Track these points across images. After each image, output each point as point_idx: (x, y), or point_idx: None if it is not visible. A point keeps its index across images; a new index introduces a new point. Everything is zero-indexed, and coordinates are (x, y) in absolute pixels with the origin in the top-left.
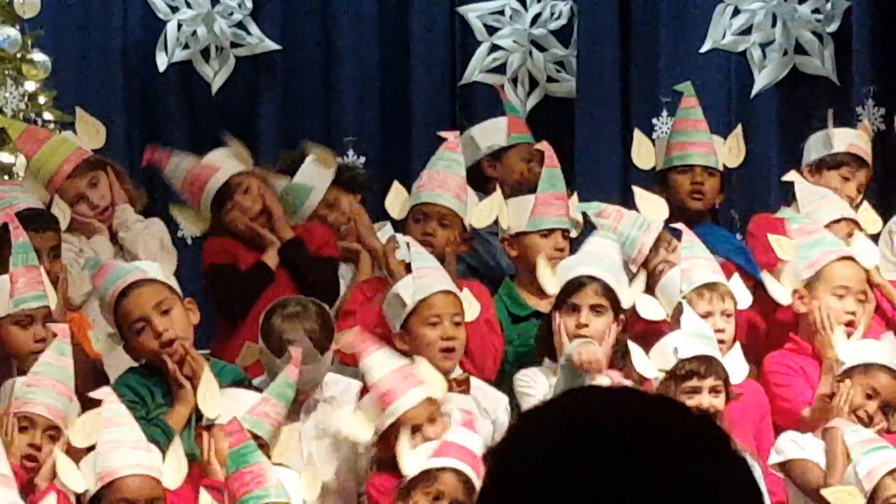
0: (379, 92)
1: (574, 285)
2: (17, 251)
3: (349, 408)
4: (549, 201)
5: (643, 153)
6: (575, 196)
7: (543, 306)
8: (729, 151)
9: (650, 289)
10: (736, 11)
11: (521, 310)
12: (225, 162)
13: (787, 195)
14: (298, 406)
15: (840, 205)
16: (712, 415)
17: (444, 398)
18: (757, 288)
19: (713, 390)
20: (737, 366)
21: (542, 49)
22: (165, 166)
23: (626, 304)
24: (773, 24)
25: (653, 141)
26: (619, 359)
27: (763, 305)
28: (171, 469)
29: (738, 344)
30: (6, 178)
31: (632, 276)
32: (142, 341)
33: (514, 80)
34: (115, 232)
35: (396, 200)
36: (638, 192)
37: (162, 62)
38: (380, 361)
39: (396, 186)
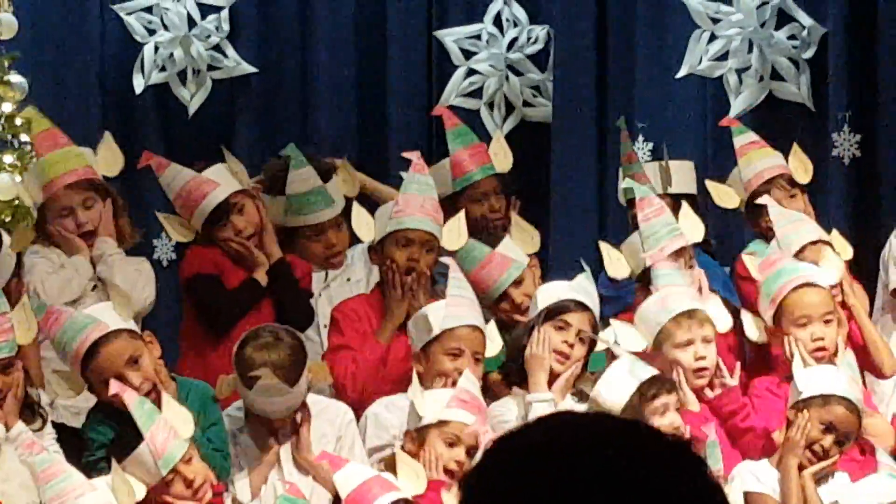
0: (356, 115)
1: (569, 306)
2: None
3: (328, 428)
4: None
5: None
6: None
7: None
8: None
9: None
10: (712, 37)
11: None
12: (223, 179)
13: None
14: (276, 431)
15: (813, 226)
16: (687, 441)
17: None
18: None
19: (677, 408)
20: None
21: (518, 73)
22: (162, 173)
23: (601, 345)
24: (750, 50)
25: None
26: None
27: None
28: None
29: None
30: None
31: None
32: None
33: (491, 105)
34: (94, 263)
35: (361, 222)
36: (684, 208)
37: (139, 84)
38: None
39: (357, 209)
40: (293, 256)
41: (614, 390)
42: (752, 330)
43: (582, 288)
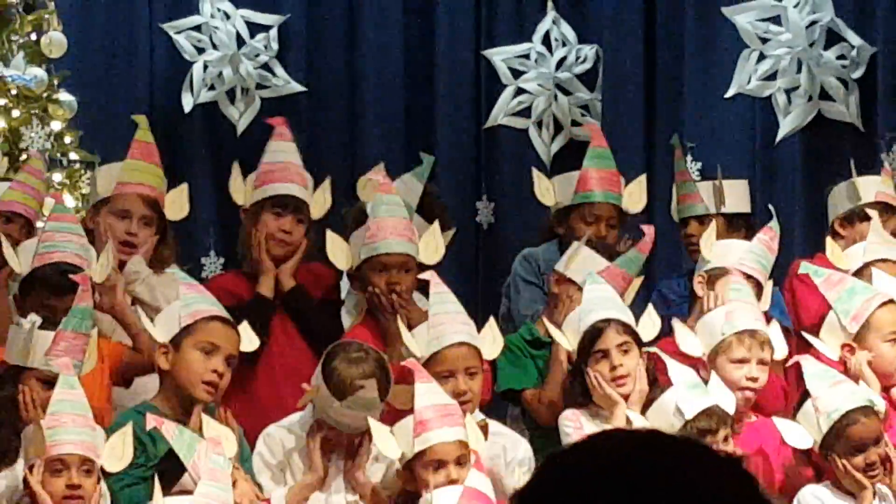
0: (404, 134)
1: (595, 332)
2: (74, 314)
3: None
4: (614, 274)
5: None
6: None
7: None
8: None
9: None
10: (761, 57)
11: (538, 343)
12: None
13: (810, 241)
14: (330, 451)
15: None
16: (739, 458)
17: (480, 449)
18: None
19: (725, 439)
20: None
21: (566, 93)
22: (281, 137)
23: (647, 338)
24: (799, 70)
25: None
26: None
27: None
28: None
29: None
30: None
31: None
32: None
33: (539, 124)
34: (126, 282)
35: (336, 249)
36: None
37: (188, 103)
38: (427, 391)
39: (332, 236)
40: (318, 265)
41: (659, 423)
42: (828, 349)
43: (598, 300)
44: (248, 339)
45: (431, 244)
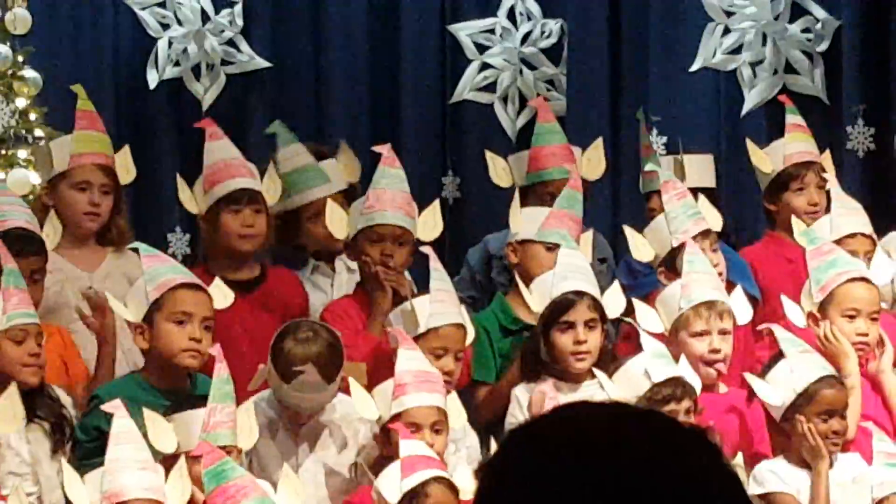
0: (369, 109)
1: (566, 303)
2: (8, 274)
3: (351, 432)
4: (561, 217)
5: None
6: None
7: (533, 320)
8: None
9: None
10: (726, 30)
11: (512, 323)
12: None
13: (767, 217)
14: (298, 428)
15: (865, 219)
16: (703, 429)
17: (460, 428)
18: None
19: (688, 411)
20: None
21: (532, 67)
22: (214, 136)
23: (612, 315)
24: (764, 44)
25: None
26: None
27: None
28: (175, 491)
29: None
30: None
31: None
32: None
33: (505, 99)
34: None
35: (335, 218)
36: (701, 199)
37: (153, 79)
38: (409, 357)
39: (331, 205)
40: (284, 269)
41: (626, 387)
42: (798, 316)
43: (572, 268)
44: (223, 296)
45: (430, 220)
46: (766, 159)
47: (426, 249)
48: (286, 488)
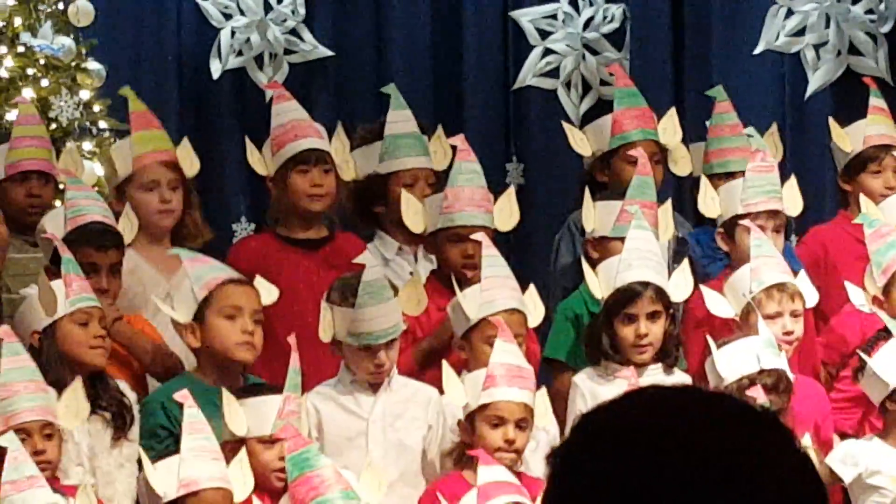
0: (432, 97)
1: (629, 295)
2: (67, 262)
3: (420, 412)
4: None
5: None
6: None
7: None
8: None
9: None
10: (789, 13)
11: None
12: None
13: (841, 197)
14: (372, 392)
15: None
16: (775, 412)
17: (545, 419)
18: None
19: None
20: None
21: (594, 52)
22: (282, 99)
23: (678, 299)
24: (827, 25)
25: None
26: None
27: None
28: (238, 481)
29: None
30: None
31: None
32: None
33: (568, 84)
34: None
35: (411, 212)
36: (791, 180)
37: (216, 69)
38: (504, 349)
39: (407, 197)
40: (349, 235)
41: (716, 372)
42: (860, 299)
43: (638, 254)
44: (268, 292)
45: (507, 209)
46: (847, 138)
47: (478, 235)
48: (369, 480)
